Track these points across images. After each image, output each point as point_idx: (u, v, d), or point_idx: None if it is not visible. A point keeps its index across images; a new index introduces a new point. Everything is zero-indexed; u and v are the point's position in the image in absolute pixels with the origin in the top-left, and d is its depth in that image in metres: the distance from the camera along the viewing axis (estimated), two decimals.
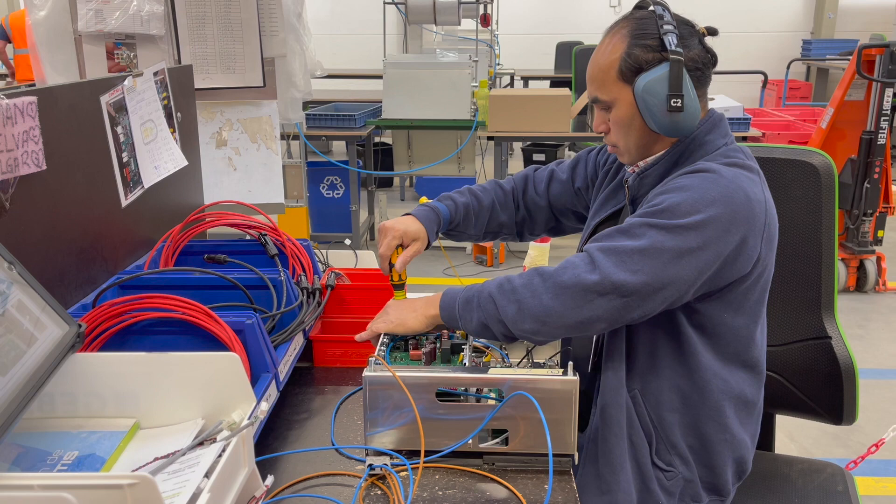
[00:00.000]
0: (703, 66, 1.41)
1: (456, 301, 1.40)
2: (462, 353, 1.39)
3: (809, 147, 1.79)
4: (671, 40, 1.36)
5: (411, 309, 1.44)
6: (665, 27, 1.37)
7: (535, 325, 1.32)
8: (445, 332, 1.45)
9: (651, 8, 1.42)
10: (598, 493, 1.42)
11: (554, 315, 1.30)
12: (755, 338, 1.47)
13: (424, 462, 1.23)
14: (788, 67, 9.01)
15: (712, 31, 1.44)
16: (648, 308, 1.32)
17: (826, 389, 1.75)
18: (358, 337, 1.47)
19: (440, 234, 1.67)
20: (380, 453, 1.27)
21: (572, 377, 1.23)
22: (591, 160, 1.70)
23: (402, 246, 1.56)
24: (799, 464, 1.80)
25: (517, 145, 7.58)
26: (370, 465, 1.24)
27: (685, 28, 1.41)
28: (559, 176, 1.73)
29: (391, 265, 1.55)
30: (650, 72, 1.37)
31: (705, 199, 1.31)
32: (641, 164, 1.47)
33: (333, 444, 1.35)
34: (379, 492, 1.20)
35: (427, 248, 1.62)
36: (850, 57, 4.58)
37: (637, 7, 1.45)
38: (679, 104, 1.35)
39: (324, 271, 1.81)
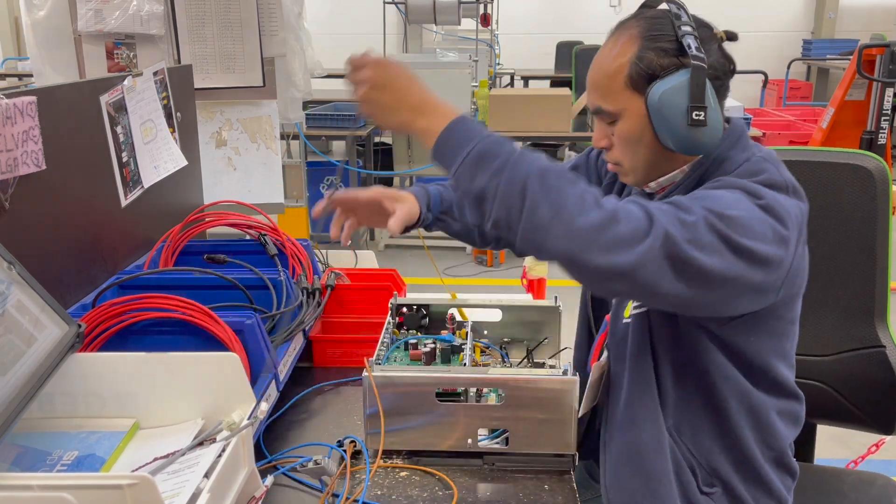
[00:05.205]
0: (722, 75, 1.23)
1: (468, 144, 1.10)
2: (462, 353, 1.39)
3: (862, 151, 1.72)
4: (691, 43, 1.17)
5: (409, 106, 1.15)
6: (683, 28, 1.18)
7: (559, 246, 1.05)
8: (444, 332, 1.45)
9: (664, 6, 1.23)
10: None
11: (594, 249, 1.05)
12: (788, 354, 1.33)
13: (424, 462, 1.22)
14: (789, 67, 9.00)
15: (732, 37, 1.26)
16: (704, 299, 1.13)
17: (879, 400, 1.69)
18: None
19: (433, 215, 1.53)
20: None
21: (572, 377, 1.23)
22: (591, 164, 1.53)
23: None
24: (847, 476, 1.76)
25: (517, 145, 7.55)
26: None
27: (704, 31, 1.22)
28: None
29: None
30: (667, 79, 1.18)
31: (779, 234, 1.13)
32: (654, 185, 1.28)
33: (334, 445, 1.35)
34: (379, 492, 1.20)
35: (419, 224, 1.48)
36: (851, 57, 4.59)
37: (644, 6, 1.26)
38: (702, 117, 1.16)
39: (324, 271, 1.81)
